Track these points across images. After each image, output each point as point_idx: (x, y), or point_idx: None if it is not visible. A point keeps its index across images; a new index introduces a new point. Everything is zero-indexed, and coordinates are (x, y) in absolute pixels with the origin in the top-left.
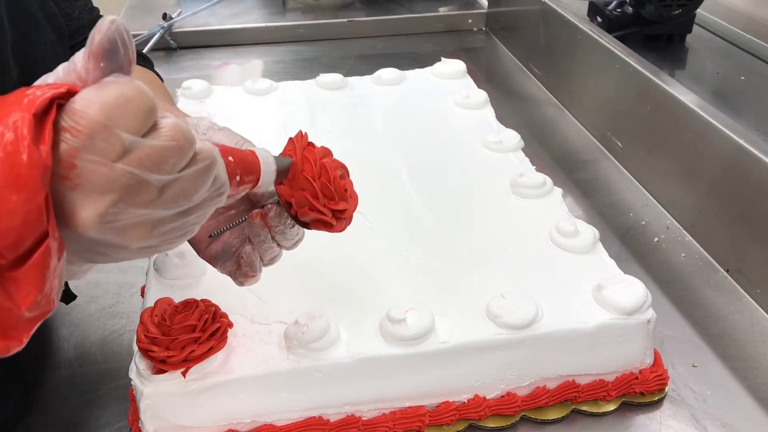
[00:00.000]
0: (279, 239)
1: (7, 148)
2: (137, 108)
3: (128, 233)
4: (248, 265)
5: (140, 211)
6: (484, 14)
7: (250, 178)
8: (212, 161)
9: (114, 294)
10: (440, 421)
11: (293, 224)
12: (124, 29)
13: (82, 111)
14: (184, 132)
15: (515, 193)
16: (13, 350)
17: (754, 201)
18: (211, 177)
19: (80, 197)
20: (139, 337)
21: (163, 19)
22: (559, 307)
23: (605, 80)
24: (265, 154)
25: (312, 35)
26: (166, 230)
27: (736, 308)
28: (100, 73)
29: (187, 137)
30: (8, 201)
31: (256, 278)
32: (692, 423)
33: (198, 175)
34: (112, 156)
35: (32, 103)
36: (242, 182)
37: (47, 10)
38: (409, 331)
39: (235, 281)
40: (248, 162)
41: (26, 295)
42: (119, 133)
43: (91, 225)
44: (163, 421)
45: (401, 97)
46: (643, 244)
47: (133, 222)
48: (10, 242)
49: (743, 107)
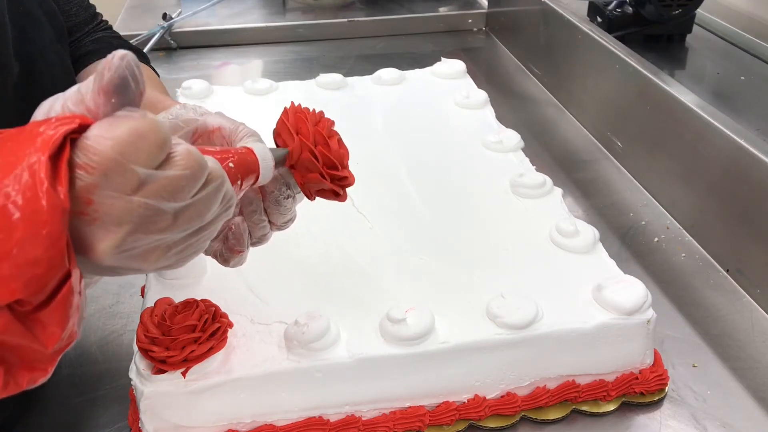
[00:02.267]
0: (272, 211)
1: (26, 195)
2: (151, 143)
3: (145, 258)
4: (236, 237)
5: (156, 237)
6: (484, 14)
7: (251, 179)
8: (222, 181)
9: (114, 294)
10: (440, 421)
11: (288, 194)
12: (134, 64)
13: (96, 147)
14: (197, 159)
15: (515, 193)
16: (39, 381)
17: (754, 201)
18: (221, 195)
19: (98, 230)
20: (139, 337)
21: (163, 19)
22: (559, 307)
23: (605, 80)
24: (263, 151)
25: (312, 35)
26: (180, 249)
27: (736, 308)
28: (111, 108)
29: (200, 164)
30: (32, 251)
31: (242, 256)
32: (692, 423)
33: (211, 196)
34: (128, 190)
35: (46, 144)
36: (243, 185)
37: (46, 7)
38: (409, 331)
39: (221, 261)
40: (247, 163)
41: (51, 335)
42: (134, 167)
43: (109, 256)
44: (163, 421)
45: (401, 97)
46: (643, 244)
47: (150, 248)
48: (35, 290)
49: (743, 107)
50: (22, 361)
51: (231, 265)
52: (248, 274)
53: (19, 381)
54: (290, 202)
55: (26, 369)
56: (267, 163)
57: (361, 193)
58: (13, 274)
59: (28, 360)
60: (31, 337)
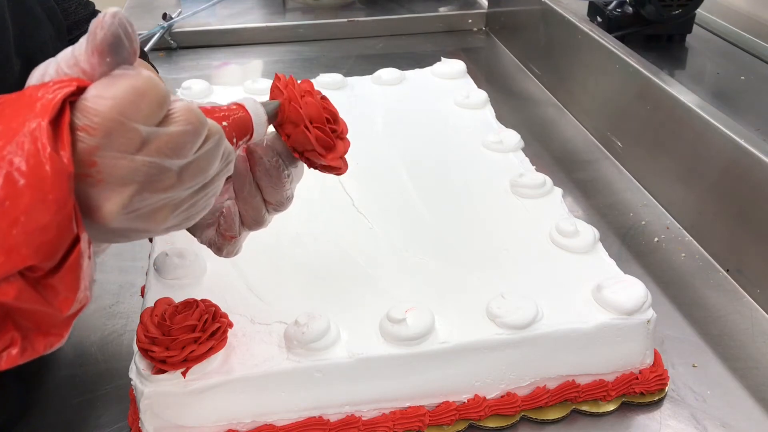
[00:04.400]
0: (264, 185)
1: (29, 161)
2: (151, 100)
3: (152, 218)
4: (227, 222)
5: (162, 195)
6: (484, 14)
7: (245, 136)
8: (221, 135)
9: (114, 294)
10: (440, 421)
11: (279, 163)
12: (126, 22)
13: (96, 108)
14: (197, 114)
15: (515, 193)
16: (55, 345)
17: (754, 201)
18: (221, 150)
19: (103, 192)
20: (139, 337)
21: (163, 19)
22: (559, 307)
23: (605, 80)
24: (254, 106)
25: (312, 35)
26: (186, 208)
27: (736, 308)
28: (106, 68)
29: (200, 119)
30: (40, 217)
31: (236, 243)
32: (692, 423)
33: (212, 151)
34: (131, 149)
35: (46, 109)
36: (238, 143)
37: (46, 5)
38: (409, 331)
39: (215, 250)
40: (240, 120)
41: (65, 300)
42: (136, 126)
43: (116, 217)
44: (163, 421)
45: (401, 97)
46: (643, 244)
47: (156, 207)
48: (45, 256)
49: (743, 107)
50: (38, 326)
51: (224, 254)
52: (248, 274)
53: (36, 346)
54: (283, 175)
55: (42, 334)
56: (259, 118)
57: (361, 193)
58: (23, 241)
59: (44, 325)
60: (45, 303)
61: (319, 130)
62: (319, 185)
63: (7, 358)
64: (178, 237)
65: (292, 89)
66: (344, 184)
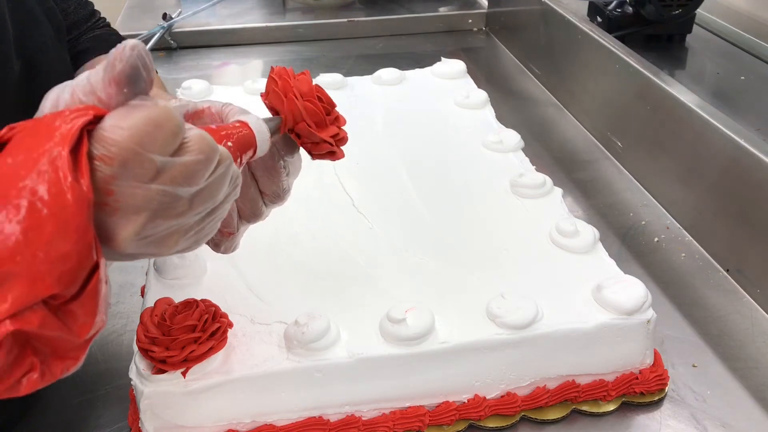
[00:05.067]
0: (258, 175)
1: (51, 190)
2: (167, 131)
3: (163, 244)
4: (225, 219)
5: (173, 222)
6: (484, 14)
7: (249, 153)
8: (230, 161)
9: (114, 294)
10: (440, 421)
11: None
12: (145, 53)
13: (114, 138)
14: (209, 143)
15: (515, 193)
16: (72, 369)
17: (754, 201)
18: (230, 175)
19: (119, 220)
20: (139, 337)
21: (163, 19)
22: (559, 307)
23: (605, 80)
24: (258, 124)
25: (312, 35)
26: (196, 232)
27: (736, 308)
28: (123, 98)
29: (212, 147)
30: (62, 245)
31: (234, 239)
32: (692, 423)
33: (222, 177)
34: (147, 178)
35: (65, 139)
36: (242, 160)
37: (45, 5)
38: (409, 331)
39: (212, 246)
40: (244, 139)
41: (83, 325)
42: (152, 156)
43: (130, 244)
44: (163, 421)
45: (401, 97)
46: (643, 244)
47: (168, 233)
48: (68, 283)
49: (743, 107)
50: (55, 351)
51: (222, 250)
52: (248, 274)
53: (53, 371)
54: (279, 165)
55: (59, 359)
56: (263, 135)
57: (361, 193)
58: (46, 270)
59: (60, 350)
60: (65, 329)
61: (310, 103)
62: (319, 185)
63: (28, 383)
64: None
65: (284, 70)
66: (344, 184)
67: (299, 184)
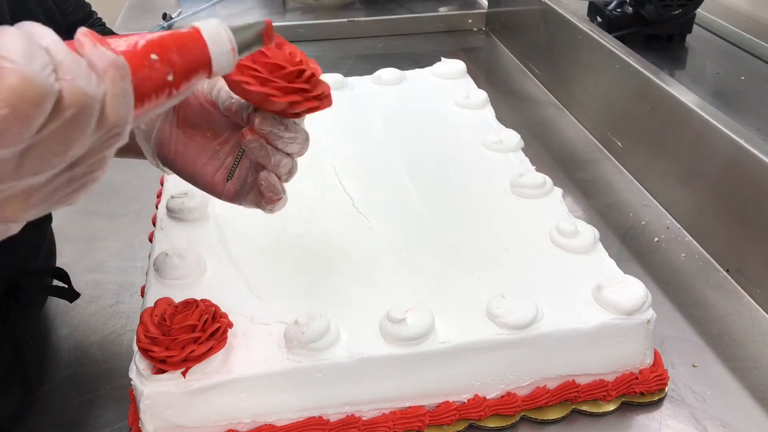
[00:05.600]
0: (282, 146)
1: None
2: None
3: (4, 211)
4: (270, 189)
5: (2, 186)
6: (484, 14)
7: (196, 71)
8: (82, 107)
9: (114, 294)
10: (440, 421)
11: (284, 124)
12: None
13: None
14: (22, 91)
15: (515, 193)
16: None
17: (754, 201)
18: (86, 125)
19: None
20: (139, 337)
21: (163, 19)
22: (559, 307)
23: (605, 80)
24: (215, 32)
25: (312, 35)
26: (49, 192)
27: (736, 308)
28: None
29: (27, 96)
30: None
31: (282, 201)
32: (692, 423)
33: (65, 129)
34: None
35: None
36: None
37: (45, 5)
38: (409, 331)
39: (264, 210)
40: (186, 52)
41: None
42: None
43: None
44: (163, 421)
45: (401, 97)
46: (643, 244)
47: (3, 197)
48: None
49: (743, 107)
50: None
51: (276, 210)
52: (248, 274)
53: None
54: (292, 131)
55: None
56: (221, 47)
57: (361, 193)
58: None
59: None
60: None
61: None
62: (320, 185)
63: None
64: (178, 237)
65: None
66: (344, 184)
67: (299, 184)
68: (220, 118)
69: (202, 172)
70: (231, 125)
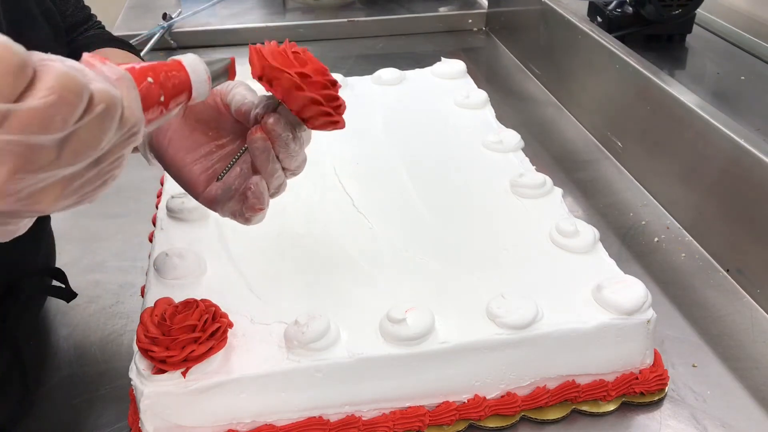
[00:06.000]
0: (283, 156)
1: None
2: (3, 70)
3: (38, 200)
4: (257, 196)
5: (43, 174)
6: (484, 14)
7: (179, 95)
8: (109, 104)
9: (114, 294)
10: (440, 421)
11: (293, 135)
12: None
13: None
14: (66, 83)
15: (515, 193)
16: None
17: (754, 201)
18: (113, 121)
19: None
20: (139, 337)
21: (163, 19)
22: (559, 307)
23: (605, 80)
24: (194, 63)
25: (312, 35)
26: (79, 185)
27: (736, 308)
28: None
29: (70, 88)
30: None
31: (263, 213)
32: (692, 423)
33: (98, 122)
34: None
35: None
36: (169, 101)
37: (44, 6)
38: (409, 331)
39: (241, 220)
40: (173, 77)
41: None
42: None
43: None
44: (163, 421)
45: (401, 97)
46: (643, 244)
47: (40, 187)
48: None
49: (743, 107)
50: None
51: (253, 223)
52: (248, 274)
53: None
54: (298, 144)
55: None
56: (199, 76)
57: (361, 193)
58: None
59: None
60: None
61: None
62: (320, 185)
63: None
64: (178, 237)
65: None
66: (344, 184)
67: (299, 184)
68: (228, 121)
69: (190, 168)
70: (235, 132)
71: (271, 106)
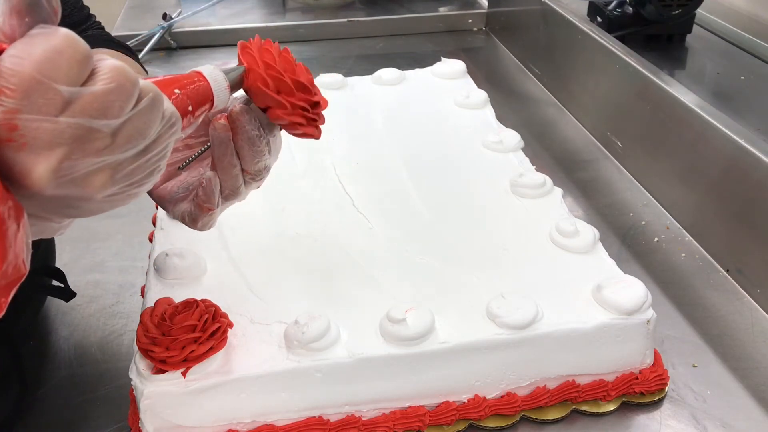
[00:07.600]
0: (244, 154)
1: None
2: (71, 58)
3: (89, 183)
4: (207, 194)
5: (96, 159)
6: (484, 14)
7: (204, 104)
8: (155, 95)
9: (114, 294)
10: (440, 421)
11: (259, 133)
12: None
13: (13, 69)
14: (123, 72)
15: (515, 193)
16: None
17: (754, 201)
18: (159, 110)
19: (30, 157)
20: (139, 337)
21: (163, 19)
22: (559, 307)
23: (605, 80)
24: (214, 73)
25: (312, 35)
26: (128, 172)
27: (736, 308)
28: (26, 29)
29: (127, 77)
30: None
31: (212, 216)
32: (692, 423)
33: (147, 111)
34: (54, 110)
35: None
36: (196, 110)
37: None
38: (409, 331)
39: (189, 222)
40: (197, 88)
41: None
42: (56, 86)
43: (47, 182)
44: (163, 421)
45: (401, 97)
46: (643, 244)
47: (92, 170)
48: None
49: (743, 107)
50: None
51: (199, 227)
52: (248, 274)
53: None
54: (263, 143)
55: None
56: (219, 84)
57: (361, 193)
58: None
59: None
60: None
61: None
62: (320, 185)
63: None
64: (178, 237)
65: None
66: (344, 184)
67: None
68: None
69: None
70: (206, 131)
71: (243, 99)
